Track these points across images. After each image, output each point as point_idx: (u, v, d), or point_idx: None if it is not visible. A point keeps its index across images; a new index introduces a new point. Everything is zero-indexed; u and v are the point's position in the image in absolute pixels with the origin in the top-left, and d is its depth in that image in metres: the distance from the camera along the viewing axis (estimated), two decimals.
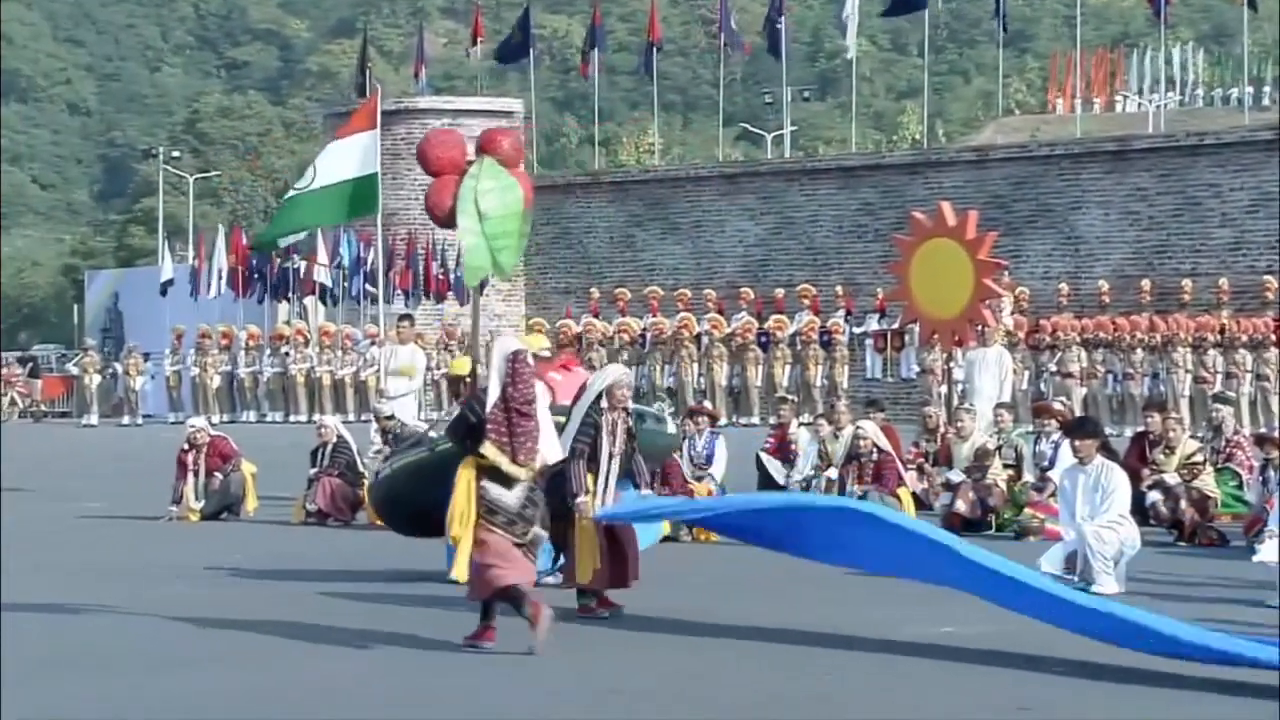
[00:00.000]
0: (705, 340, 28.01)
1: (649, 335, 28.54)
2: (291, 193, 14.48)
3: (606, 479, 8.86)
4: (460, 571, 8.13)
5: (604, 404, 8.98)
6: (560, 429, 8.78)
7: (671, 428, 11.25)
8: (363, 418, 27.03)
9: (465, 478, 7.87)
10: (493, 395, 7.94)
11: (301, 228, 14.60)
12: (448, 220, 9.53)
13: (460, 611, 9.03)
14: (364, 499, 13.67)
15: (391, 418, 14.69)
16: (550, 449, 8.31)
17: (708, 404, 20.70)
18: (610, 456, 8.87)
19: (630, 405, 9.28)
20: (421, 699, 6.98)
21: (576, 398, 9.21)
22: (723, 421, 21.15)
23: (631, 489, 9.11)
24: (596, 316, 29.68)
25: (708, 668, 7.62)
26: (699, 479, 13.79)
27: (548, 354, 10.70)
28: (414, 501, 9.94)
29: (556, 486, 8.69)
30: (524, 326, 18.56)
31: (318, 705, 6.84)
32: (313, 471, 13.99)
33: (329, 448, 14.09)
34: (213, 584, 9.29)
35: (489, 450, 7.83)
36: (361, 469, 13.99)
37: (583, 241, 32.51)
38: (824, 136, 68.87)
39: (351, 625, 8.77)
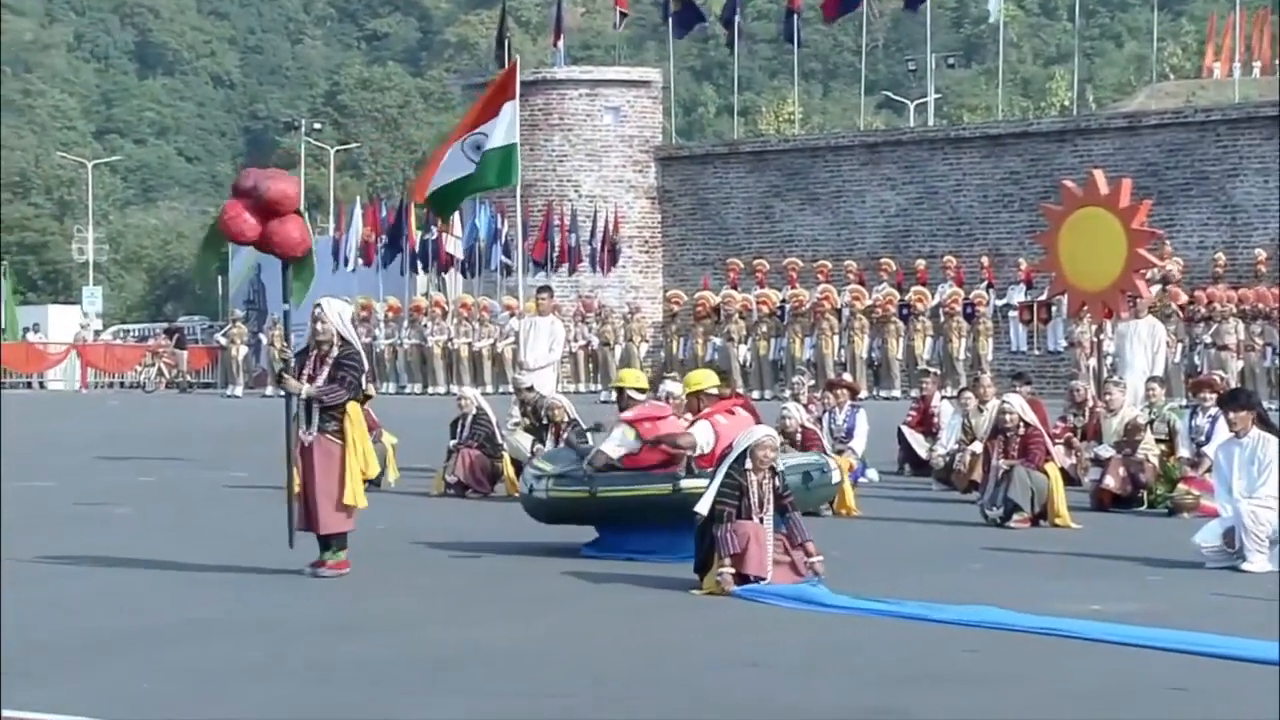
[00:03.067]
0: (846, 312, 27.86)
1: (788, 307, 28.46)
2: (468, 165, 14.71)
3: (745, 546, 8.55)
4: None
5: (748, 464, 8.72)
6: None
7: (837, 475, 11.11)
8: (500, 389, 27.38)
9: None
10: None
11: (465, 196, 15.06)
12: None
13: (604, 583, 9.14)
14: (503, 471, 13.86)
15: (531, 389, 14.84)
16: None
17: (848, 377, 20.59)
18: (760, 520, 8.64)
19: (781, 463, 9.00)
20: (571, 672, 7.08)
21: (722, 456, 8.98)
22: (863, 395, 21.04)
23: (807, 585, 8.63)
24: (735, 288, 29.65)
25: (848, 642, 7.62)
26: (839, 453, 13.76)
27: (715, 391, 10.31)
28: (564, 518, 10.28)
29: (705, 539, 8.67)
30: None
31: (466, 671, 6.97)
32: (452, 443, 14.17)
33: (468, 419, 14.27)
34: (357, 553, 9.50)
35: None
36: (501, 441, 14.16)
37: (721, 212, 32.47)
38: (969, 104, 67.85)
39: (490, 595, 8.91)
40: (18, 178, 77.68)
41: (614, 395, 11.84)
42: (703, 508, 8.71)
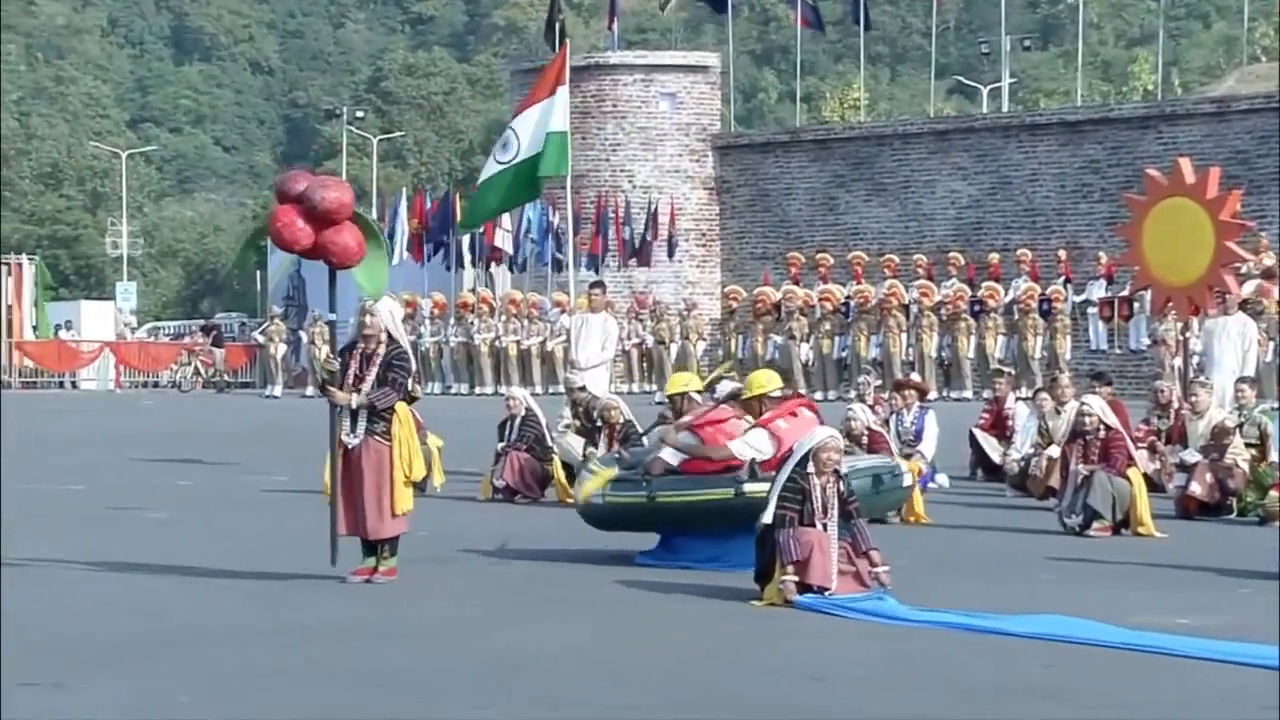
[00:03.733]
0: (914, 309, 27.75)
1: (853, 304, 28.38)
2: (496, 167, 14.74)
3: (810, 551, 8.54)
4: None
5: (810, 468, 8.71)
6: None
7: (909, 479, 10.99)
8: (550, 390, 27.45)
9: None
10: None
11: (507, 207, 14.89)
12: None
13: (659, 591, 9.15)
14: (553, 475, 13.89)
15: (583, 389, 14.87)
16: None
17: (916, 377, 20.51)
18: (823, 527, 8.62)
19: (847, 466, 8.94)
20: (622, 681, 7.09)
21: (783, 460, 9.00)
22: (932, 396, 20.96)
23: (869, 596, 8.58)
24: (797, 284, 29.60)
25: (915, 655, 7.59)
26: (907, 456, 13.70)
27: (778, 394, 10.28)
28: (621, 524, 10.30)
29: (766, 547, 8.68)
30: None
31: (512, 679, 7.00)
32: (500, 446, 14.22)
33: (517, 421, 14.30)
34: (400, 559, 9.56)
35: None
36: (550, 443, 14.20)
37: (782, 204, 32.42)
38: (1045, 88, 67.43)
39: (539, 601, 8.94)
40: (49, 168, 78.59)
41: (668, 401, 11.84)
42: (766, 516, 8.71)
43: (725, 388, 12.20)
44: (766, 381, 10.39)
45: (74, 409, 29.55)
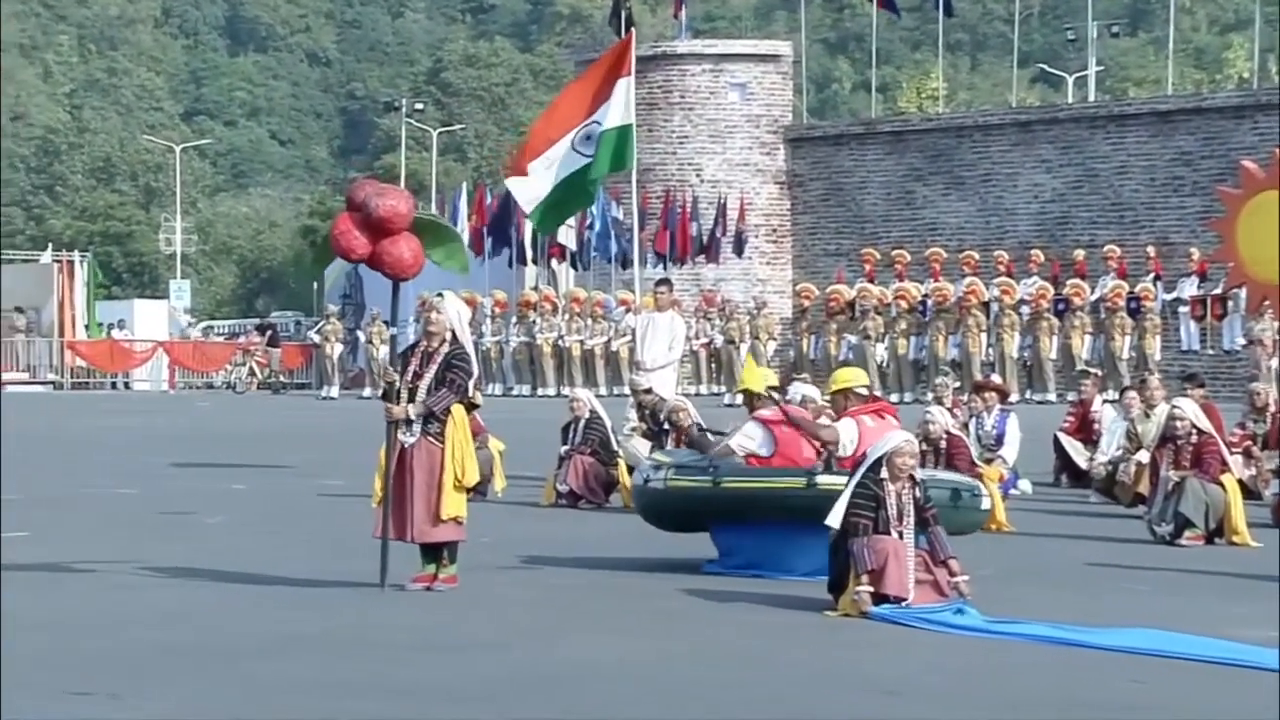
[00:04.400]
0: (994, 307, 27.62)
1: (930, 302, 28.27)
2: (580, 160, 14.74)
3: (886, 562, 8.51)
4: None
5: (884, 473, 8.68)
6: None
7: (988, 503, 10.88)
8: (615, 391, 27.48)
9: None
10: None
11: (583, 207, 14.86)
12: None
13: (727, 601, 9.14)
14: (619, 480, 13.90)
15: (649, 391, 14.87)
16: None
17: (996, 378, 20.40)
18: (899, 534, 8.59)
19: (921, 474, 8.92)
20: (688, 694, 7.09)
21: (857, 463, 8.98)
22: (1014, 398, 20.84)
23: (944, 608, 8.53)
24: (872, 282, 29.51)
25: (997, 669, 7.54)
26: (988, 461, 13.64)
27: (864, 391, 10.23)
28: (682, 514, 10.21)
29: (840, 556, 8.66)
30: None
31: (573, 692, 7.01)
32: (564, 449, 14.23)
33: (581, 424, 14.32)
34: (461, 566, 9.60)
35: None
36: (616, 447, 14.21)
37: (856, 198, 32.33)
38: (1134, 77, 66.88)
39: (603, 611, 8.95)
40: (102, 163, 79.55)
41: (740, 399, 11.81)
42: (833, 520, 8.67)
43: (798, 390, 12.16)
44: (854, 376, 10.36)
45: (127, 410, 29.88)
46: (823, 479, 9.53)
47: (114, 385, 38.19)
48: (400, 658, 7.69)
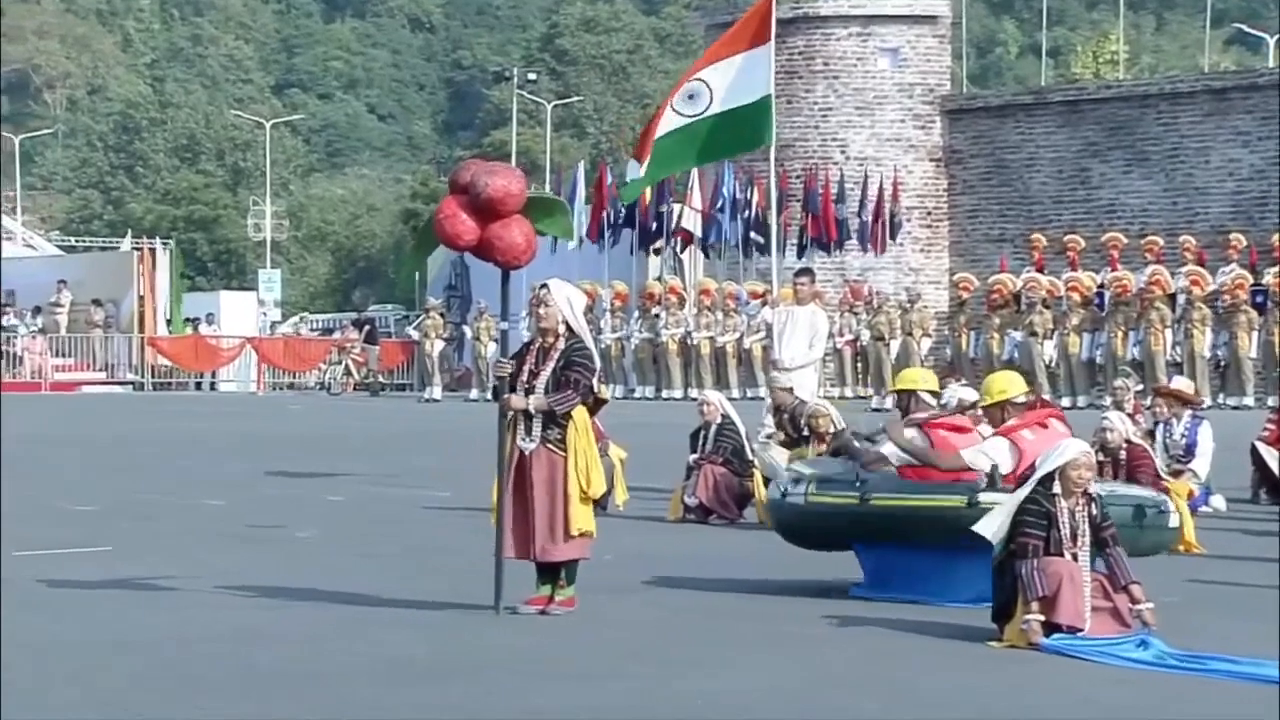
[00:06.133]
0: (1182, 300, 27.31)
1: (1108, 294, 28.01)
2: (677, 120, 14.73)
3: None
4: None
5: (1057, 488, 8.64)
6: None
7: (1175, 520, 10.70)
8: (749, 394, 27.51)
9: None
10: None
11: (685, 166, 14.73)
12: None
13: (877, 628, 9.12)
14: (753, 493, 13.91)
15: (788, 393, 14.87)
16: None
17: (1183, 381, 20.11)
18: (1073, 556, 8.54)
19: (1098, 489, 8.85)
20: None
21: (1024, 477, 8.93)
22: (1205, 403, 20.58)
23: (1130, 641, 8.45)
24: (1041, 271, 29.30)
25: (1184, 706, 7.48)
26: (1176, 474, 13.48)
27: (1022, 399, 10.12)
28: (825, 533, 10.22)
29: (1006, 579, 8.62)
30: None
31: None
32: (693, 458, 14.29)
33: (712, 430, 14.36)
34: (580, 587, 9.66)
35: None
36: (750, 456, 14.23)
37: (1023, 177, 32.11)
38: None
39: (736, 638, 8.97)
40: (185, 140, 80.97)
41: (895, 400, 11.77)
42: (985, 529, 8.62)
43: (955, 393, 12.08)
44: (1009, 385, 10.25)
45: (213, 412, 30.41)
46: (985, 496, 9.48)
47: (198, 386, 38.84)
48: (516, 686, 7.77)
